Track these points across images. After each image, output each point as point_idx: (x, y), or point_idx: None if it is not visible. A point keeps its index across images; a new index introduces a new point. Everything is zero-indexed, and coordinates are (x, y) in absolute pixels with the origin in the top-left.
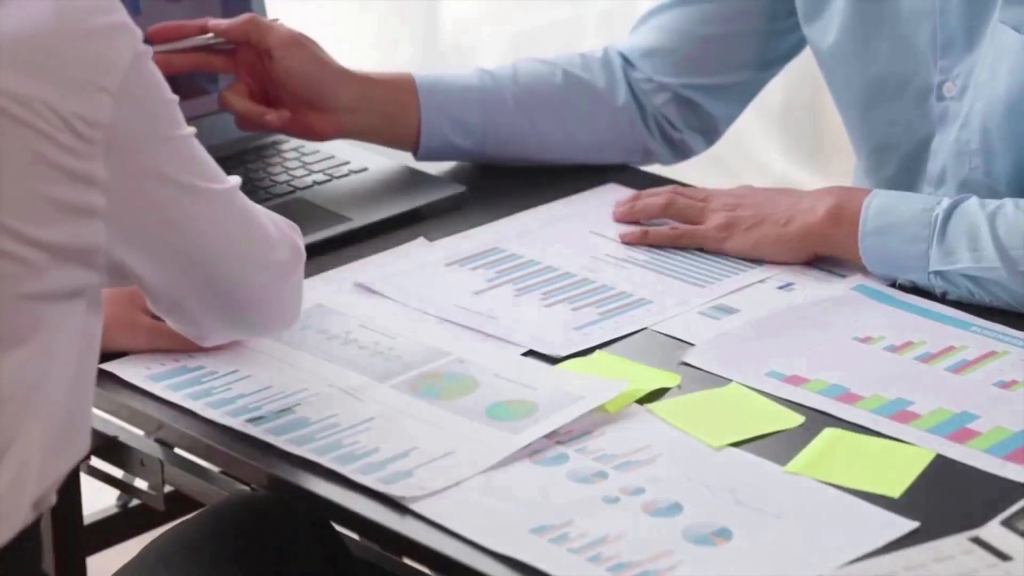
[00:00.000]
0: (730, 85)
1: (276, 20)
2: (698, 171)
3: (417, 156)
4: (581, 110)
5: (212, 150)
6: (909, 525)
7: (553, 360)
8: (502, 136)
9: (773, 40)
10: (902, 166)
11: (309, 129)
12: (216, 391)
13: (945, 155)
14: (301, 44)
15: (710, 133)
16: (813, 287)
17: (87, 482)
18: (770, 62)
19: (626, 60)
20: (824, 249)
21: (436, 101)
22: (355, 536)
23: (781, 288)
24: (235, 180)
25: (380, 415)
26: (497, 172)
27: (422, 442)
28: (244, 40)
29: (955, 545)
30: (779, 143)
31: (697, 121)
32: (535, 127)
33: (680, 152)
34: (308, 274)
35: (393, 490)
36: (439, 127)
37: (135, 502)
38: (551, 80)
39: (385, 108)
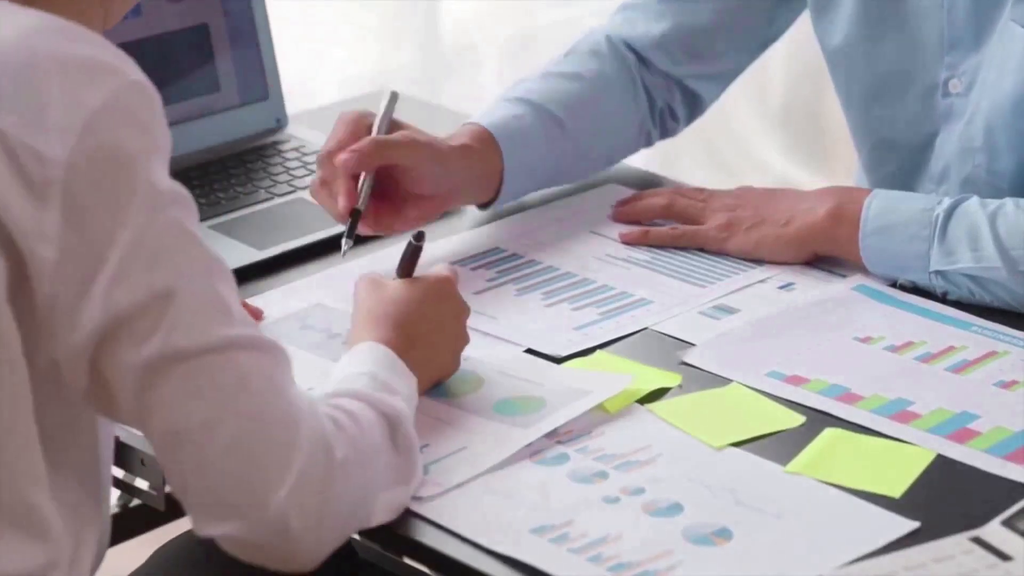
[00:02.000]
0: (729, 71)
1: (400, 132)
2: (698, 171)
3: (481, 208)
4: (618, 130)
5: (212, 151)
6: (909, 525)
7: (554, 360)
8: (557, 172)
9: (773, 23)
10: (905, 162)
11: (421, 219)
12: None
13: (949, 152)
14: (422, 148)
15: (695, 116)
16: (813, 287)
17: None
18: (766, 43)
19: (636, 54)
20: (824, 249)
21: (515, 160)
22: (355, 536)
23: (781, 288)
24: (251, 327)
25: None
26: None
27: (433, 439)
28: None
29: (955, 545)
30: (779, 143)
31: (689, 109)
32: (583, 158)
33: (664, 135)
34: (308, 273)
35: None
36: (515, 185)
37: (135, 502)
38: (596, 108)
39: (480, 175)
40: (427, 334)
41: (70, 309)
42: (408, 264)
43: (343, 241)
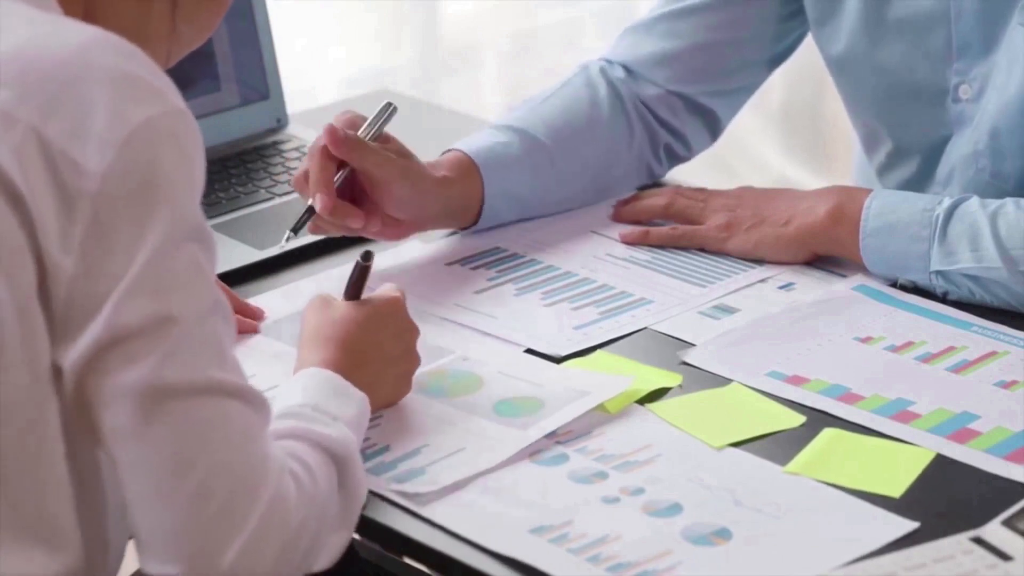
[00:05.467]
0: (741, 88)
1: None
2: (698, 171)
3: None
4: (610, 164)
5: (212, 151)
6: (909, 525)
7: (553, 360)
8: (542, 200)
9: (780, 39)
10: (917, 167)
11: (386, 235)
12: None
13: (955, 157)
14: (394, 165)
15: (715, 135)
16: (813, 287)
17: None
18: (776, 60)
19: (638, 81)
20: (824, 249)
21: (496, 187)
22: (356, 536)
23: (781, 288)
24: (241, 376)
25: (388, 412)
26: None
27: (432, 439)
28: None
29: (955, 545)
30: (779, 143)
31: (706, 127)
32: (570, 188)
33: (676, 162)
34: (308, 273)
35: (407, 488)
36: (496, 211)
37: None
38: (587, 138)
39: (459, 204)
40: (372, 356)
41: (80, 321)
42: (356, 285)
43: (287, 232)
